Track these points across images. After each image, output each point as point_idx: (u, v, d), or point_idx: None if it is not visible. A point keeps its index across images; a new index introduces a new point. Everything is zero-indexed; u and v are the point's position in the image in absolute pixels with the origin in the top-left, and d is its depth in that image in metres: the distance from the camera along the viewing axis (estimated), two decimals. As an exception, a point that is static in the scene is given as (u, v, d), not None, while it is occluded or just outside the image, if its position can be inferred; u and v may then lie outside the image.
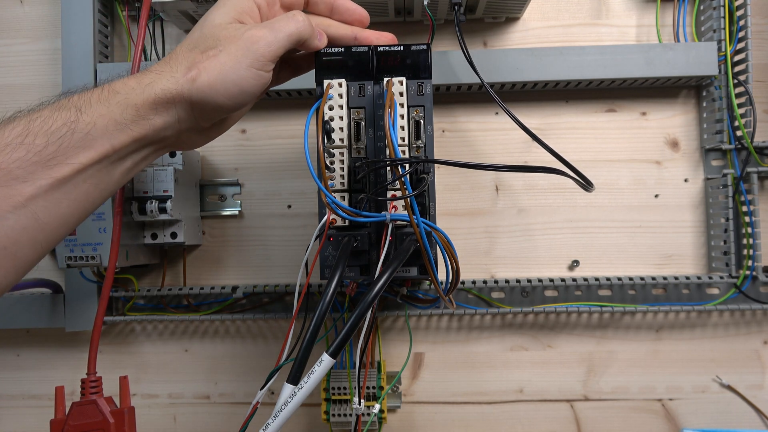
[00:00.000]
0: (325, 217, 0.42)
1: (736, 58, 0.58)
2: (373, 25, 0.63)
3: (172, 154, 0.56)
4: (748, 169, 0.57)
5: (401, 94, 0.42)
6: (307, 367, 0.35)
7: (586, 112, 0.63)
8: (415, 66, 0.43)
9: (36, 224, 0.33)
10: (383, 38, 0.44)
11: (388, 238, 0.40)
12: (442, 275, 0.42)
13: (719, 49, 0.58)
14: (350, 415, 0.56)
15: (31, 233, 0.33)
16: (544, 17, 0.63)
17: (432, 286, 0.59)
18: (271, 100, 0.63)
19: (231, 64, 0.36)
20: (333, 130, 0.42)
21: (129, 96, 0.35)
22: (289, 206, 0.63)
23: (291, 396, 0.34)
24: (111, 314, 0.61)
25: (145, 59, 0.62)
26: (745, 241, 0.58)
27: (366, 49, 0.43)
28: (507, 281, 0.60)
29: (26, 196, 0.32)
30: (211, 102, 0.37)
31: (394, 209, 0.41)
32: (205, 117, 0.38)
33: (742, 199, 0.58)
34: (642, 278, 0.59)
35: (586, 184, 0.44)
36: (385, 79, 0.42)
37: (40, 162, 0.32)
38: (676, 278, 0.59)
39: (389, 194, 0.41)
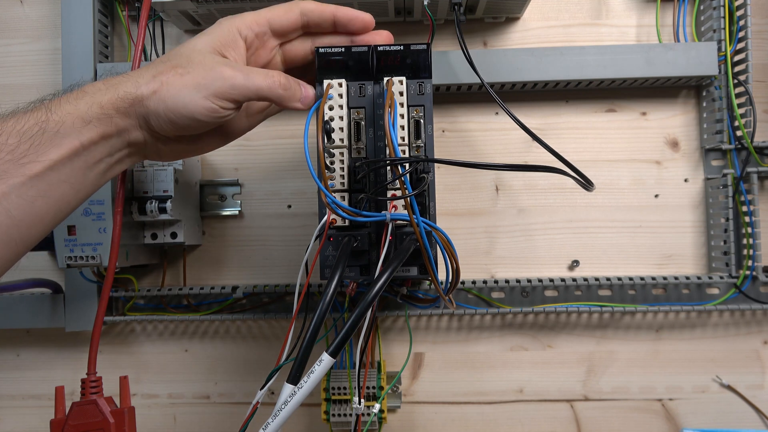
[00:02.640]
0: (325, 217, 0.42)
1: (736, 58, 0.58)
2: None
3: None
4: (748, 169, 0.57)
5: (401, 94, 0.42)
6: (307, 367, 0.35)
7: (586, 112, 0.63)
8: (415, 66, 0.43)
9: (10, 221, 0.34)
10: (380, 37, 0.44)
11: (388, 237, 0.40)
12: (442, 275, 0.42)
13: (719, 49, 0.58)
14: (350, 415, 0.56)
15: (5, 229, 0.34)
16: (544, 17, 0.63)
17: (432, 285, 0.59)
18: (271, 100, 0.63)
19: (191, 88, 0.37)
20: (333, 130, 0.42)
21: (95, 96, 0.37)
22: (289, 206, 0.63)
23: (291, 395, 0.34)
24: (111, 314, 0.61)
25: (145, 59, 0.62)
26: (745, 241, 0.58)
27: (366, 49, 0.43)
28: (507, 281, 0.60)
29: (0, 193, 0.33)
30: (162, 116, 0.37)
31: (394, 209, 0.41)
32: (161, 128, 0.39)
33: (742, 199, 0.58)
34: (642, 278, 0.59)
35: (586, 184, 0.44)
36: (385, 79, 0.42)
37: (13, 160, 0.34)
38: (676, 278, 0.59)
39: (389, 194, 0.41)
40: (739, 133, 0.58)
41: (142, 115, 0.38)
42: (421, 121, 0.43)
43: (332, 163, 0.42)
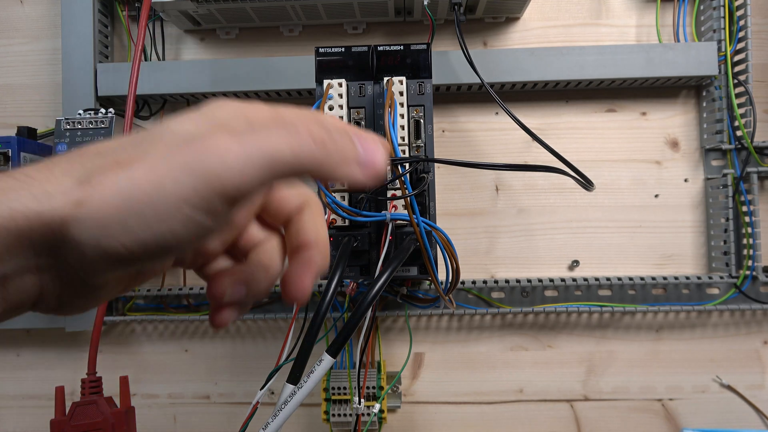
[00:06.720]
0: (325, 217, 0.42)
1: (736, 58, 0.58)
2: (373, 25, 0.63)
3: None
4: (748, 169, 0.57)
5: (401, 94, 0.42)
6: (307, 367, 0.35)
7: (586, 112, 0.63)
8: (415, 65, 0.43)
9: None
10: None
11: (388, 237, 0.40)
12: (442, 275, 0.42)
13: (719, 49, 0.58)
14: (350, 415, 0.56)
15: None
16: (544, 17, 0.63)
17: (432, 285, 0.59)
18: (270, 100, 0.63)
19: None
20: (333, 130, 0.42)
21: None
22: (289, 206, 0.63)
23: (291, 395, 0.34)
24: (111, 314, 0.61)
25: (145, 59, 0.62)
26: (745, 241, 0.58)
27: (366, 48, 0.43)
28: (507, 281, 0.60)
29: None
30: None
31: (394, 209, 0.41)
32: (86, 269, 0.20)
33: (742, 199, 0.58)
34: (642, 278, 0.59)
35: (586, 184, 0.44)
36: (385, 79, 0.42)
37: None
38: (676, 278, 0.59)
39: (389, 194, 0.42)
40: (739, 133, 0.58)
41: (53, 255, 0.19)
42: (421, 121, 0.43)
43: (332, 163, 0.42)
